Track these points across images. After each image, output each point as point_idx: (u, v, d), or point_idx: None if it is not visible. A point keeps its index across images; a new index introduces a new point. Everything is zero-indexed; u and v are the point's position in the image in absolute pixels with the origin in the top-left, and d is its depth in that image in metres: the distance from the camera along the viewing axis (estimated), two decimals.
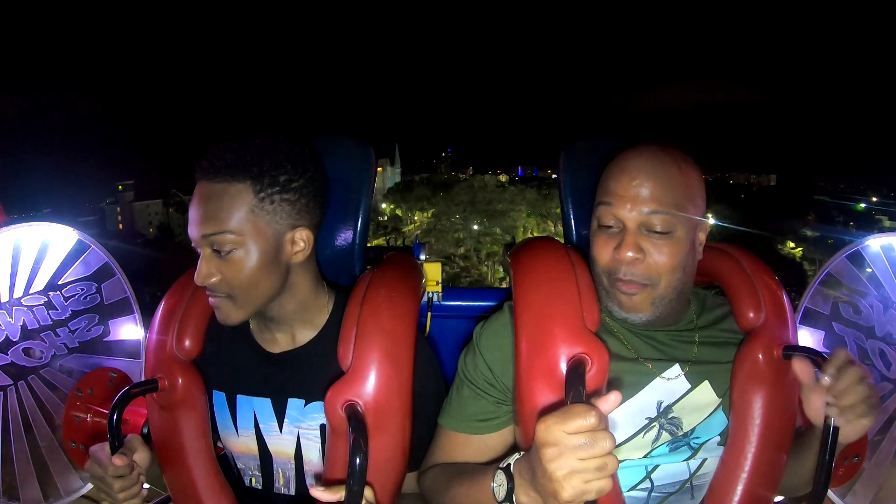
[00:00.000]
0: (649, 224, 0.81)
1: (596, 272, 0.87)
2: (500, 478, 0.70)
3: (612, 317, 0.90)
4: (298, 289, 0.89)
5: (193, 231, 0.83)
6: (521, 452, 0.70)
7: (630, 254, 0.81)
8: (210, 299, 0.85)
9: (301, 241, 0.85)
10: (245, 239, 0.81)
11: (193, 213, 0.83)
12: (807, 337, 1.24)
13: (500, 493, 0.70)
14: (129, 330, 1.30)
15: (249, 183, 0.81)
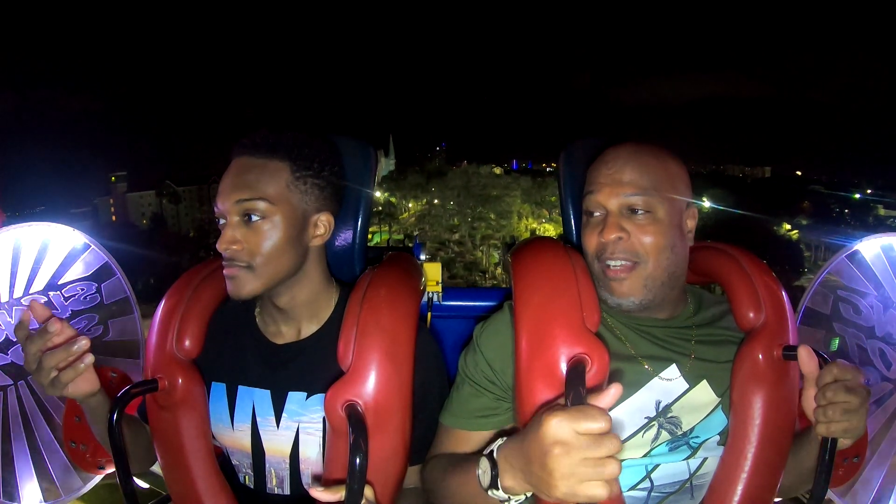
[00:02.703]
0: (630, 205, 0.86)
1: (588, 262, 0.89)
2: (484, 464, 0.71)
3: (609, 309, 0.90)
4: (311, 277, 0.92)
5: (225, 198, 0.86)
6: (504, 438, 0.70)
7: (613, 235, 0.85)
8: (225, 271, 0.87)
9: (323, 225, 0.91)
10: (276, 209, 0.85)
11: (227, 183, 0.86)
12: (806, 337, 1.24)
13: (485, 480, 0.70)
14: (129, 330, 1.30)
15: (288, 162, 0.87)
